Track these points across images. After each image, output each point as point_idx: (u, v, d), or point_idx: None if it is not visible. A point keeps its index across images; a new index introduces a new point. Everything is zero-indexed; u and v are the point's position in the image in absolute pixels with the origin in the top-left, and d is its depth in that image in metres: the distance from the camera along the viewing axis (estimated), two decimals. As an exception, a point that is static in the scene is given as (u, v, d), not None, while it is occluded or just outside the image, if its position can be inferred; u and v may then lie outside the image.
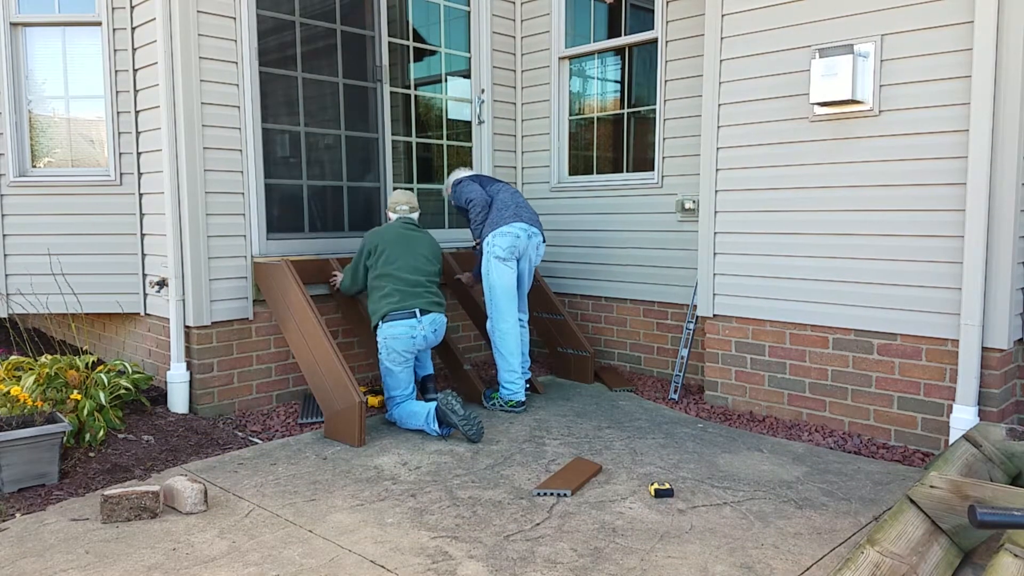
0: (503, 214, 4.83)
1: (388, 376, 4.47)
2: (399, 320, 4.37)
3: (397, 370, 4.43)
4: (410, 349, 4.41)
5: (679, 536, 3.05)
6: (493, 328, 4.86)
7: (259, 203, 4.77)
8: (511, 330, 4.81)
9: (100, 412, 4.08)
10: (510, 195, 4.94)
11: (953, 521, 2.64)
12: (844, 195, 4.22)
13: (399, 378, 4.45)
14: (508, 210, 4.84)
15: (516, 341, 4.83)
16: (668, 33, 5.29)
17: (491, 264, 4.78)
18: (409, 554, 2.90)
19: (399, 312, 4.38)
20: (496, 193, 4.96)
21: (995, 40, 3.66)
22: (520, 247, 4.81)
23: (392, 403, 4.51)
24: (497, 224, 4.80)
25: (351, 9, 5.23)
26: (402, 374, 4.44)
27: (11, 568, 2.81)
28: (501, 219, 4.81)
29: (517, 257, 4.84)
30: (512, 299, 4.82)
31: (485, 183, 5.07)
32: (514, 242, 4.77)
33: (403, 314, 4.38)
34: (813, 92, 4.13)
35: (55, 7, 4.79)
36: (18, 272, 4.89)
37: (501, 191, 4.97)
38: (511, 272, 4.80)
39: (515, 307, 4.86)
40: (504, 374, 4.85)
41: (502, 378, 4.86)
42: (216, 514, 3.28)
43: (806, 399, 4.48)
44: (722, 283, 4.77)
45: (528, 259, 4.94)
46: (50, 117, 4.90)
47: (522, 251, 4.86)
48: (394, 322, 4.37)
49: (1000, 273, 3.75)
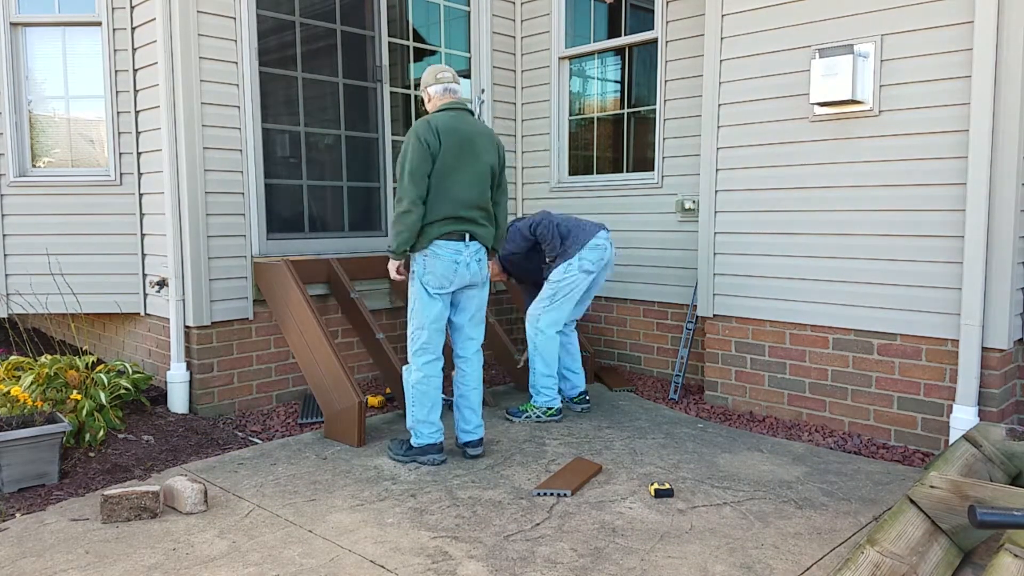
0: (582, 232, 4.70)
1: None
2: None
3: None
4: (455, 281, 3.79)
5: (679, 536, 3.05)
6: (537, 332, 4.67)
7: (259, 203, 4.77)
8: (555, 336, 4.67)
9: (100, 412, 4.08)
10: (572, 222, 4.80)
11: (953, 521, 2.64)
12: (844, 195, 4.22)
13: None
14: (583, 228, 4.72)
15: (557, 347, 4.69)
16: (668, 33, 5.29)
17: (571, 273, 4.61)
18: (409, 554, 2.90)
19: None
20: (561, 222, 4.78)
21: (995, 40, 3.66)
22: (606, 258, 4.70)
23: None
24: (583, 241, 4.64)
25: (351, 9, 5.23)
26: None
27: (11, 568, 2.81)
28: (584, 235, 4.67)
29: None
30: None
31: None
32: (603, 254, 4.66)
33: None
34: (813, 92, 4.13)
35: (55, 7, 4.79)
36: (18, 272, 4.89)
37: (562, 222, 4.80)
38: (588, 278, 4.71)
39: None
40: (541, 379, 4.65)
41: (538, 384, 4.66)
42: (216, 514, 3.28)
43: (806, 399, 4.48)
44: (722, 283, 4.77)
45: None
46: (50, 117, 4.90)
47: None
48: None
49: (1000, 273, 3.75)
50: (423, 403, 3.82)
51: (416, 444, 3.86)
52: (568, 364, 4.86)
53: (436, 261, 3.74)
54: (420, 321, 3.80)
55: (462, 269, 3.78)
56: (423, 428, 3.83)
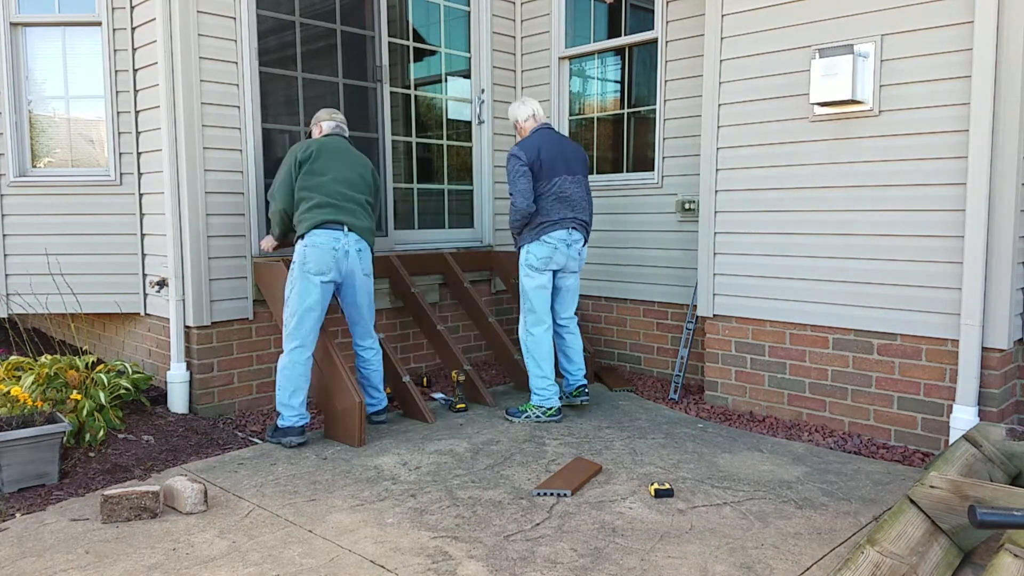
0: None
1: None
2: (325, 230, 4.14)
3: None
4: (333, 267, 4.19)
5: (679, 536, 3.05)
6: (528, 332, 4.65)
7: (259, 203, 4.77)
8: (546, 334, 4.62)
9: (100, 412, 4.08)
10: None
11: (953, 521, 2.64)
12: (844, 195, 4.22)
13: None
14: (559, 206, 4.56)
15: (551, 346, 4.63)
16: (668, 33, 5.29)
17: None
18: (409, 554, 2.90)
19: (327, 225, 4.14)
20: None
21: (995, 40, 3.66)
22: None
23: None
24: (542, 225, 4.55)
25: (351, 9, 5.23)
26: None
27: (11, 568, 2.81)
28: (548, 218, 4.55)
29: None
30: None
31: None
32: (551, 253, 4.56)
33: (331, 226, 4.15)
34: (813, 92, 4.13)
35: (55, 7, 4.79)
36: (18, 272, 4.89)
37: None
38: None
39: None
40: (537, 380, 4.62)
41: (534, 385, 4.64)
42: (216, 514, 3.28)
43: (806, 399, 4.48)
44: (722, 283, 4.77)
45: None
46: (50, 117, 4.90)
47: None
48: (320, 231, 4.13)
49: (1000, 273, 3.75)
50: (286, 387, 4.16)
51: (280, 425, 4.18)
52: (564, 365, 4.84)
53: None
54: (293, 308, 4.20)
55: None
56: (285, 411, 4.16)
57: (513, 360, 5.29)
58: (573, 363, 4.83)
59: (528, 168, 4.46)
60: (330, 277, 4.16)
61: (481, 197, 6.10)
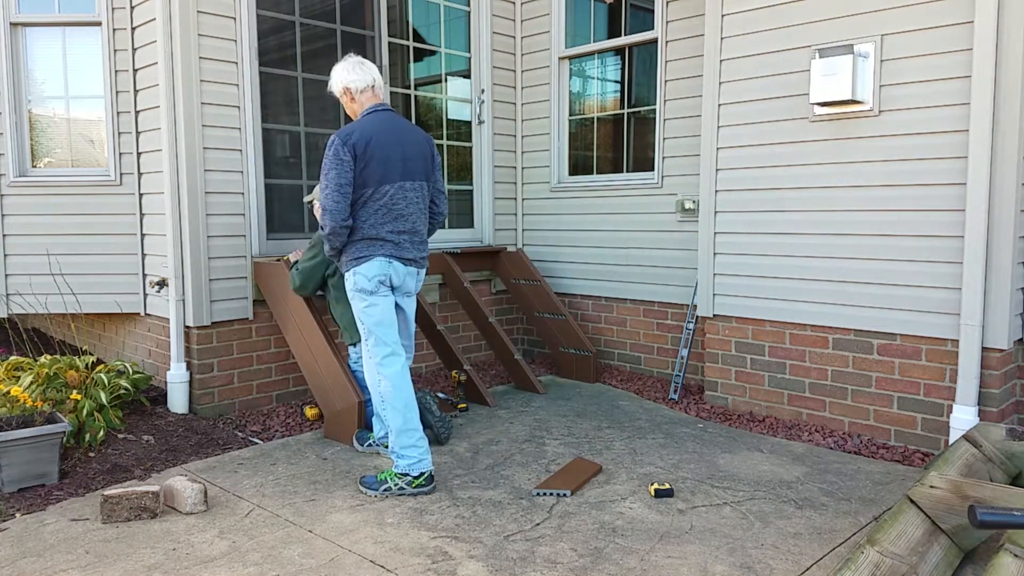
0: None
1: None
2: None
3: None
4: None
5: (679, 536, 3.05)
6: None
7: (259, 203, 4.77)
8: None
9: (100, 412, 4.08)
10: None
11: (953, 521, 2.64)
12: (844, 195, 4.22)
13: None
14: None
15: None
16: (668, 33, 5.29)
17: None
18: (409, 554, 2.90)
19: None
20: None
21: (995, 40, 3.66)
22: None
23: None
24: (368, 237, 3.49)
25: (351, 9, 5.23)
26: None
27: (11, 568, 2.81)
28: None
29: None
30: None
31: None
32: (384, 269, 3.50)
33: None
34: (813, 92, 4.13)
35: (55, 7, 4.79)
36: (18, 272, 4.89)
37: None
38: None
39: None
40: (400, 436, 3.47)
41: (396, 443, 3.49)
42: (216, 514, 3.28)
43: (806, 399, 4.48)
44: (722, 283, 4.77)
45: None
46: (50, 117, 4.90)
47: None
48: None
49: (1000, 273, 3.75)
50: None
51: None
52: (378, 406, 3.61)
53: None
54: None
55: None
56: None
57: (514, 360, 5.29)
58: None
59: (351, 164, 3.35)
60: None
61: (481, 197, 6.10)
